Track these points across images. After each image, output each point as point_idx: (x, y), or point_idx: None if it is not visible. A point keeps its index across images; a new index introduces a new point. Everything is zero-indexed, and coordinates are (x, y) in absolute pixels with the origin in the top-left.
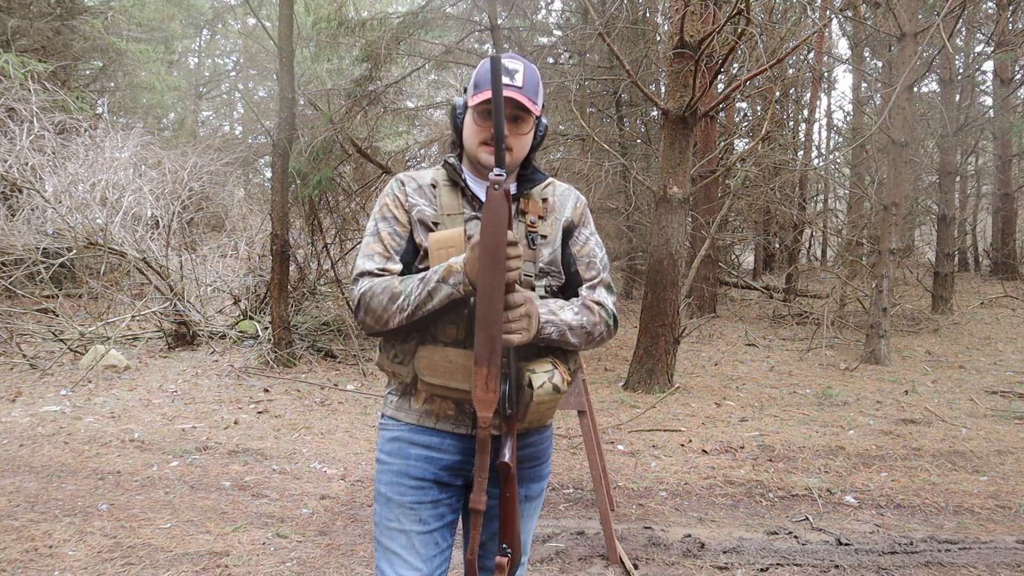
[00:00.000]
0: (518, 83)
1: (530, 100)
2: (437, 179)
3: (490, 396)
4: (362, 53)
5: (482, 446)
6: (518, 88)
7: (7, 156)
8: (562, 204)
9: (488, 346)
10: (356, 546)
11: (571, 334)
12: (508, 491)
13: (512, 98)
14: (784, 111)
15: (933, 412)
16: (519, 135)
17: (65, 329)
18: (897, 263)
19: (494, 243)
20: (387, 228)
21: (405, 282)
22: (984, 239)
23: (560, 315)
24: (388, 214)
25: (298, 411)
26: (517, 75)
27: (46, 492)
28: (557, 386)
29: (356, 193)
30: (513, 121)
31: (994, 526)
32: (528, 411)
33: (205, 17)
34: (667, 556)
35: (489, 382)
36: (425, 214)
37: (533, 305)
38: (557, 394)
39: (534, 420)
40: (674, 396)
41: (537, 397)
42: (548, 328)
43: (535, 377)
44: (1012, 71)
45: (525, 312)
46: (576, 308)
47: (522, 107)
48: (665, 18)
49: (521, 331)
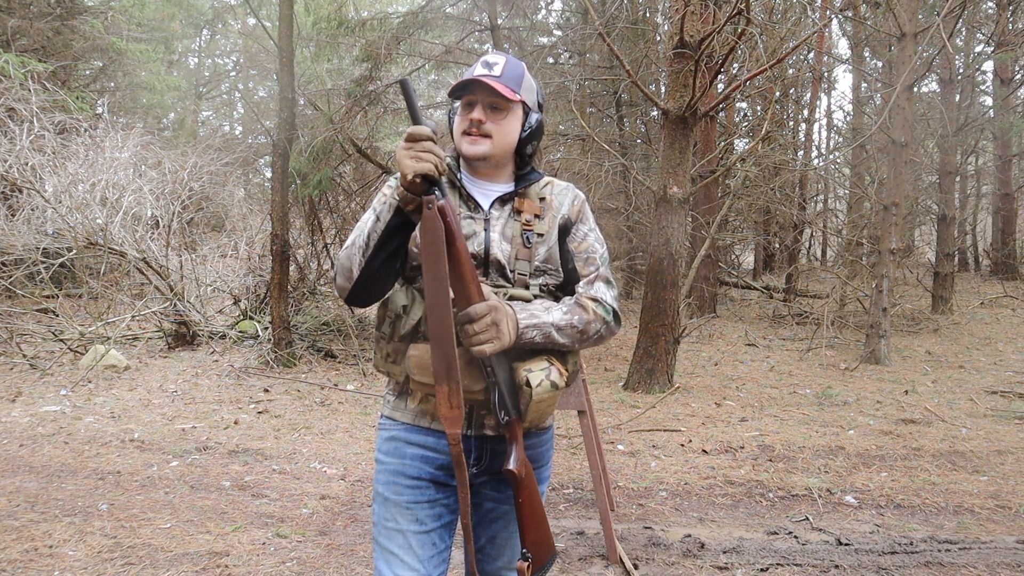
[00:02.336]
0: (496, 73)
1: (507, 87)
2: None
3: (455, 413)
4: (362, 53)
5: (456, 463)
6: (495, 77)
7: (7, 156)
8: (559, 202)
9: (444, 363)
10: (356, 546)
11: (559, 335)
12: (520, 496)
13: (488, 85)
14: (784, 111)
15: (933, 412)
16: (498, 121)
17: (65, 329)
18: (897, 263)
19: (433, 261)
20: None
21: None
22: (984, 239)
23: (544, 317)
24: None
25: (298, 411)
26: (496, 66)
27: (46, 492)
28: (555, 383)
29: (356, 193)
30: (491, 109)
31: (994, 526)
32: (529, 410)
33: (205, 17)
34: (667, 556)
35: (452, 399)
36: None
37: (500, 312)
38: (555, 391)
39: (535, 419)
40: (674, 396)
41: (536, 396)
42: (530, 332)
43: (532, 376)
44: (1012, 71)
45: (491, 321)
46: (566, 307)
47: (498, 93)
48: (665, 18)
49: (491, 340)
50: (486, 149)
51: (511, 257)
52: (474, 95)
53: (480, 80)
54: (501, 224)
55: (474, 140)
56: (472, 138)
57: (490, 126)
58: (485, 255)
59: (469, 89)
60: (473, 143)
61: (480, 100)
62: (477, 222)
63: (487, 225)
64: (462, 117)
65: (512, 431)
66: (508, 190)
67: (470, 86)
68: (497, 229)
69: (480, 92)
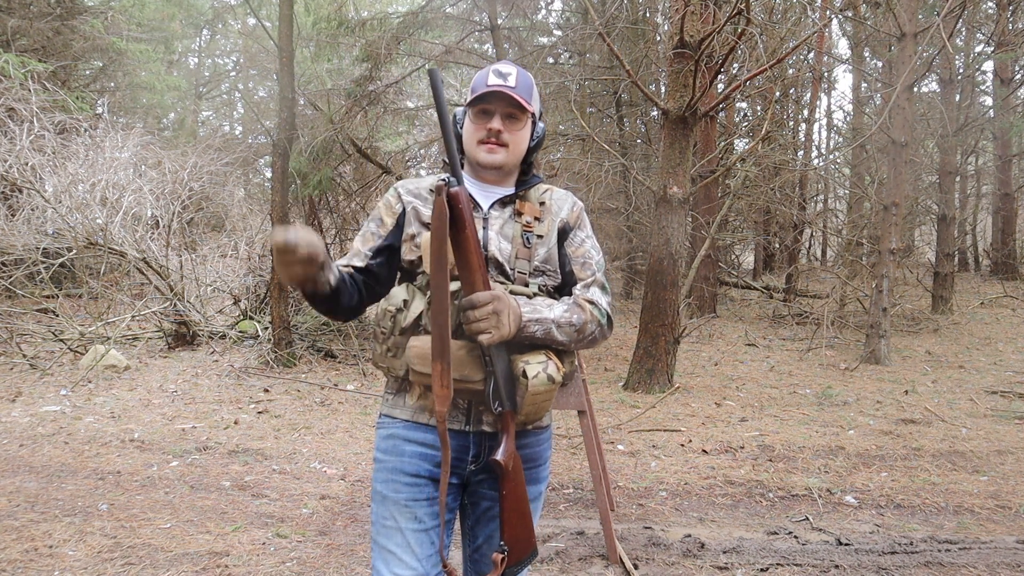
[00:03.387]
0: (511, 83)
1: (524, 99)
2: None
3: (445, 392)
4: (362, 53)
5: (441, 440)
6: (511, 88)
7: (7, 156)
8: (558, 207)
9: (439, 343)
10: (356, 546)
11: (559, 331)
12: (504, 488)
13: (507, 95)
14: (784, 111)
15: (933, 412)
16: (515, 131)
17: (65, 329)
18: (897, 263)
19: (437, 245)
20: (368, 229)
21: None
22: (984, 239)
23: (546, 312)
24: (376, 215)
25: (298, 411)
26: (510, 76)
27: (46, 492)
28: (552, 376)
29: (356, 193)
30: (508, 118)
31: (994, 526)
32: (524, 403)
33: (205, 17)
34: (667, 556)
35: (443, 378)
36: (422, 212)
37: (503, 303)
38: (552, 384)
39: (531, 412)
40: (674, 396)
41: (532, 387)
42: (532, 327)
43: (529, 368)
44: (1012, 71)
45: (492, 310)
46: (566, 306)
47: (516, 104)
48: (665, 18)
49: (489, 329)
50: (502, 158)
51: (511, 256)
52: (491, 104)
53: (500, 91)
54: (500, 224)
55: (492, 149)
56: (490, 147)
57: (507, 136)
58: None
59: (486, 99)
60: (491, 152)
61: (498, 110)
62: (476, 220)
63: (485, 223)
64: (477, 126)
65: (504, 422)
66: (509, 192)
67: (488, 96)
68: (495, 228)
69: (498, 102)
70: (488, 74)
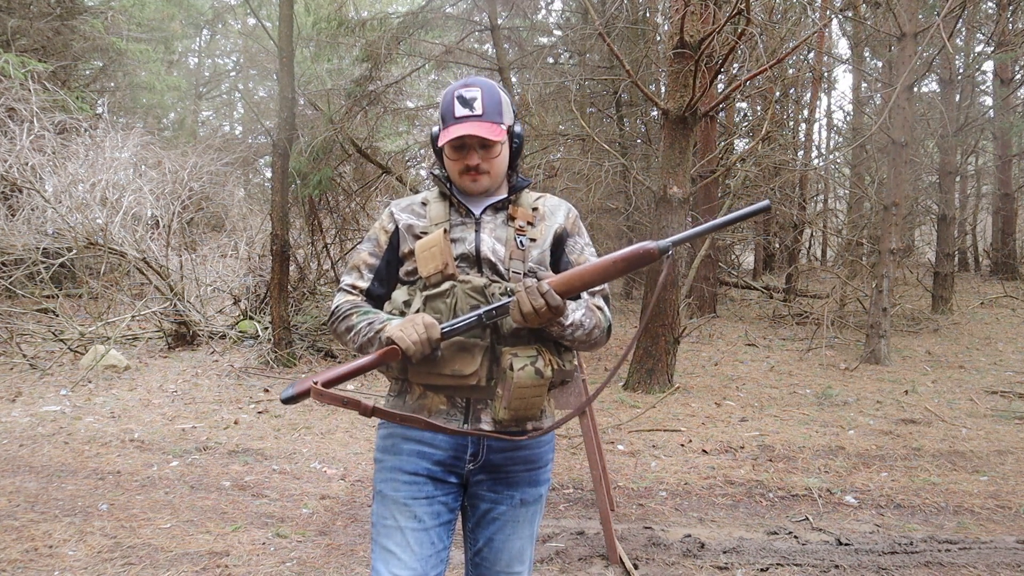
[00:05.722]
0: (477, 112)
1: (493, 125)
2: (428, 197)
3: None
4: (362, 53)
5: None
6: (477, 118)
7: (7, 156)
8: (553, 212)
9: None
10: (356, 546)
11: (576, 330)
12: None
13: (475, 136)
14: (784, 111)
15: (933, 412)
16: (491, 159)
17: (65, 329)
18: (897, 263)
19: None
20: (367, 248)
21: (360, 318)
22: (984, 239)
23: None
24: (372, 236)
25: (298, 411)
26: (476, 103)
27: (46, 492)
28: (540, 370)
29: (356, 193)
30: (483, 147)
31: (994, 526)
32: (511, 396)
33: (205, 17)
34: (667, 556)
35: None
36: (414, 226)
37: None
38: (540, 379)
39: (519, 407)
40: (674, 396)
41: (517, 379)
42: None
43: (516, 360)
44: (1012, 71)
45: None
46: (583, 309)
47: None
48: (665, 18)
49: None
50: (487, 184)
51: (505, 257)
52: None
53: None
54: (492, 227)
55: (474, 178)
56: (471, 176)
57: (485, 165)
58: (476, 254)
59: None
60: (474, 181)
61: (470, 143)
62: (468, 226)
63: (478, 227)
64: (455, 160)
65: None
66: (501, 198)
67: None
68: (487, 231)
69: (470, 138)
70: (454, 103)
